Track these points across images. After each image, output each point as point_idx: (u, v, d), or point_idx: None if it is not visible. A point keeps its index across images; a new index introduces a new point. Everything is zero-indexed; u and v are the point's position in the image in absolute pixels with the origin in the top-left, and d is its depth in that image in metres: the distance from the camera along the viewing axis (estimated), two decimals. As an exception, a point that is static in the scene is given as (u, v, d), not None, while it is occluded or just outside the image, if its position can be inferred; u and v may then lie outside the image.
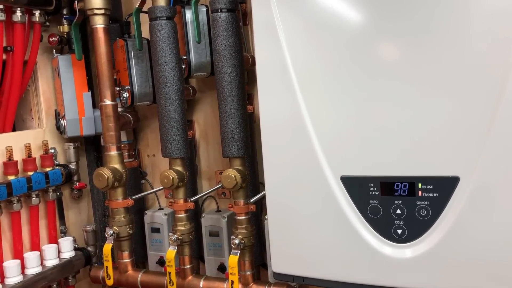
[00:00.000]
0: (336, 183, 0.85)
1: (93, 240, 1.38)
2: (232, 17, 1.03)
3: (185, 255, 1.17)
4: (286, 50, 0.86)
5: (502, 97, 0.72)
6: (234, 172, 1.04)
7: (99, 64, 1.18)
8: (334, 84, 0.83)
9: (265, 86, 0.89)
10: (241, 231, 1.09)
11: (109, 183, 1.15)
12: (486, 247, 0.76)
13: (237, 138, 1.05)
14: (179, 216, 1.16)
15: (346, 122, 0.83)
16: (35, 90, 1.33)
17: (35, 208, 1.25)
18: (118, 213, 1.21)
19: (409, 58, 0.78)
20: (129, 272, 1.24)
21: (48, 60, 1.33)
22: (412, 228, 0.81)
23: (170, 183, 1.11)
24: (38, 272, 1.18)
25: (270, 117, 0.89)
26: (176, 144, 1.12)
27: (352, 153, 0.84)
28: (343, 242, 0.86)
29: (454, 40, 0.75)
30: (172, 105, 1.10)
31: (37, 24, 1.23)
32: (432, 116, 0.77)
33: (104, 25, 1.16)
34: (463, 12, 0.74)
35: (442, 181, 0.78)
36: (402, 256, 0.82)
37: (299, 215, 0.89)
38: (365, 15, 0.80)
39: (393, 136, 0.80)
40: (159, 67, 1.10)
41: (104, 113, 1.19)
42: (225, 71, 1.03)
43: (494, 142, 0.73)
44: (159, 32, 1.08)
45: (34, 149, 1.25)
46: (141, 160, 1.43)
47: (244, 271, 1.11)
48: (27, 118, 1.35)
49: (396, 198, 0.82)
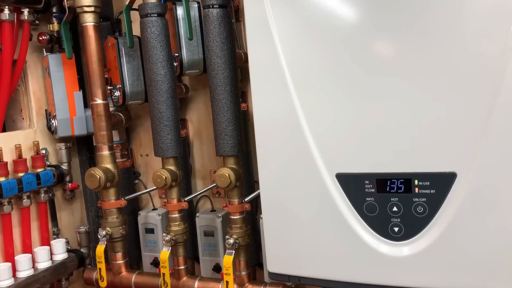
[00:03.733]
0: (331, 180, 0.84)
1: (86, 241, 1.37)
2: (224, 13, 1.01)
3: (180, 256, 1.16)
4: (279, 47, 0.85)
5: (499, 92, 0.71)
6: (228, 171, 1.03)
7: (89, 62, 1.16)
8: (328, 80, 0.82)
9: (258, 84, 0.88)
10: (236, 231, 1.07)
11: (101, 184, 1.13)
12: (484, 244, 0.75)
13: (230, 136, 1.04)
14: (173, 216, 1.14)
15: (341, 118, 0.82)
16: (25, 90, 1.31)
17: (27, 209, 1.23)
18: (111, 214, 1.19)
19: (405, 55, 0.77)
20: (123, 273, 1.22)
21: (38, 59, 1.31)
22: (409, 225, 0.80)
23: (163, 182, 1.10)
24: (30, 275, 1.17)
25: (264, 115, 0.88)
26: (168, 143, 1.10)
27: (348, 150, 0.83)
28: (339, 241, 0.84)
29: (449, 37, 0.73)
30: (164, 104, 1.09)
31: (26, 23, 1.21)
32: (428, 112, 0.76)
33: (94, 23, 1.14)
34: (461, 8, 0.72)
35: (439, 177, 0.77)
36: (399, 254, 0.80)
37: (294, 214, 0.88)
38: (361, 11, 0.79)
39: (388, 133, 0.79)
40: (150, 64, 1.08)
41: (95, 113, 1.17)
42: (218, 68, 1.02)
43: (492, 137, 0.72)
44: (150, 29, 1.06)
45: (24, 149, 1.23)
46: (134, 160, 1.41)
47: (240, 271, 1.10)
48: (17, 119, 1.33)
49: (392, 195, 0.81)
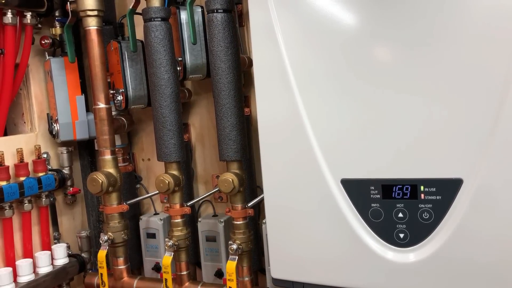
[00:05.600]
0: (336, 186, 0.84)
1: (88, 246, 1.36)
2: (228, 18, 1.01)
3: (182, 261, 1.15)
4: (284, 52, 0.84)
5: (505, 98, 0.71)
6: (231, 176, 1.02)
7: (92, 66, 1.15)
8: (334, 86, 0.82)
9: (263, 88, 0.88)
10: (239, 236, 1.07)
11: (103, 188, 1.12)
12: (490, 250, 0.75)
13: (234, 141, 1.03)
14: (175, 221, 1.14)
15: (346, 124, 0.82)
16: (27, 94, 1.30)
17: (28, 214, 1.22)
18: (112, 219, 1.18)
19: (411, 60, 0.76)
20: (125, 278, 1.21)
21: (40, 63, 1.31)
22: (415, 232, 0.79)
23: (166, 187, 1.09)
24: (31, 280, 1.16)
25: (268, 120, 0.88)
26: (171, 148, 1.10)
27: (352, 156, 0.82)
28: (344, 247, 0.84)
29: (454, 41, 0.73)
30: (168, 108, 1.08)
31: (28, 26, 1.21)
32: (434, 118, 0.76)
33: (97, 27, 1.14)
34: (464, 11, 0.72)
35: (445, 183, 0.77)
36: (405, 260, 0.80)
37: (298, 219, 0.87)
38: (365, 16, 0.79)
39: (394, 138, 0.79)
40: (153, 69, 1.07)
41: (97, 117, 1.16)
42: (222, 72, 1.01)
43: (497, 143, 0.72)
44: (153, 33, 1.06)
45: (26, 154, 1.22)
46: (136, 164, 1.41)
47: (243, 277, 1.09)
48: (19, 122, 1.32)
49: (398, 201, 0.81)
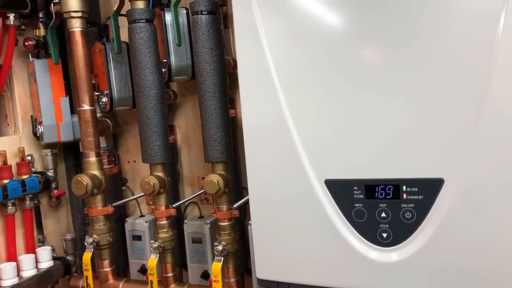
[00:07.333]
0: (320, 186, 0.84)
1: (73, 249, 1.35)
2: (212, 20, 1.01)
3: (168, 263, 1.15)
4: (268, 53, 0.85)
5: (485, 98, 0.72)
6: (216, 177, 1.02)
7: (76, 68, 1.15)
8: (317, 87, 0.82)
9: (247, 90, 0.88)
10: (225, 237, 1.07)
11: (88, 190, 1.12)
12: (472, 250, 0.75)
13: (219, 143, 1.04)
14: (161, 223, 1.13)
15: (329, 125, 0.82)
16: (10, 96, 1.29)
17: (11, 217, 1.21)
18: (97, 221, 1.18)
19: (392, 61, 0.77)
20: (110, 281, 1.21)
21: (23, 65, 1.30)
22: (397, 231, 0.80)
23: (151, 189, 1.09)
24: (14, 284, 1.15)
25: (252, 121, 0.88)
26: (156, 150, 1.09)
27: (336, 156, 0.83)
28: (328, 247, 0.84)
29: (436, 43, 0.74)
30: (152, 110, 1.08)
31: (11, 28, 1.20)
32: (416, 118, 0.76)
33: (81, 29, 1.13)
34: (447, 13, 0.73)
35: (427, 183, 0.77)
36: (388, 260, 0.81)
37: (283, 220, 0.88)
38: (349, 18, 0.79)
39: (377, 139, 0.79)
40: (138, 70, 1.07)
41: (82, 119, 1.15)
42: (206, 74, 1.01)
43: (479, 143, 0.73)
44: (138, 35, 1.06)
45: (10, 156, 1.21)
46: (121, 166, 1.40)
47: (228, 278, 1.09)
48: (2, 124, 1.31)
49: (381, 201, 0.81)
